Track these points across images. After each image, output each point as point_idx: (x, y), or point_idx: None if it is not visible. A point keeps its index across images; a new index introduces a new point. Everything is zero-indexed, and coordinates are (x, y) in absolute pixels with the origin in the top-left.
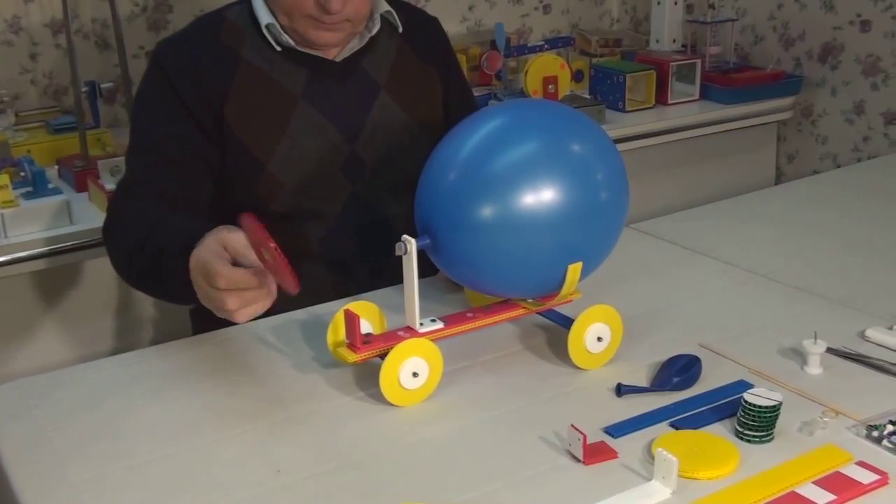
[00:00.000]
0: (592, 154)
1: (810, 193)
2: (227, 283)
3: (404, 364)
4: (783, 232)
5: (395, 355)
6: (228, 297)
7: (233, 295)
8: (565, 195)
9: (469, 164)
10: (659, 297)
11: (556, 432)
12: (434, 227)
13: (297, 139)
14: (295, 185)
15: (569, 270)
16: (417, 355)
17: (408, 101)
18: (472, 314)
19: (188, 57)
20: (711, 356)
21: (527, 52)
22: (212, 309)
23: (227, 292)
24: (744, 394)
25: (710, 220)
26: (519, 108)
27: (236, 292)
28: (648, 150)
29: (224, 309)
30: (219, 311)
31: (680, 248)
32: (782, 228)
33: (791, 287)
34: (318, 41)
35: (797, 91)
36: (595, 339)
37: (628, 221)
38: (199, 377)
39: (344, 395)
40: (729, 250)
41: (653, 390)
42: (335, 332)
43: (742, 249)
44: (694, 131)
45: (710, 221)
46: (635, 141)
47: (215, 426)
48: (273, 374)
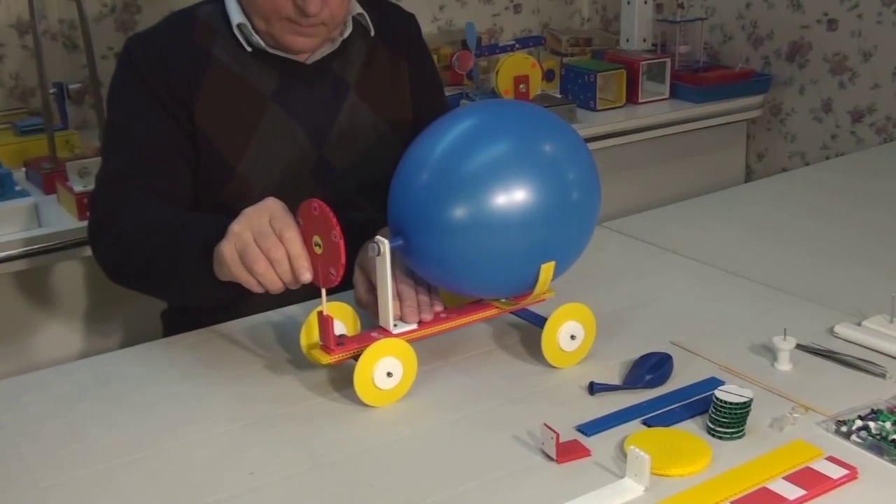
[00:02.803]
0: (564, 154)
1: (780, 191)
2: (293, 238)
3: (378, 364)
4: (753, 230)
5: (369, 356)
6: (264, 258)
7: (265, 261)
8: (537, 195)
9: (441, 164)
10: (631, 295)
11: (530, 431)
12: (407, 228)
13: (266, 142)
14: (264, 188)
15: (542, 270)
16: (391, 355)
17: (378, 100)
18: (446, 314)
19: (158, 53)
20: (683, 353)
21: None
22: (232, 268)
23: (274, 249)
24: (715, 391)
25: (681, 218)
26: (490, 108)
27: (270, 262)
28: (619, 148)
29: (253, 266)
30: (242, 270)
31: (651, 246)
32: (752, 226)
33: (761, 284)
34: (294, 46)
35: (766, 90)
36: (568, 337)
37: (600, 220)
38: (171, 380)
39: (318, 397)
40: (699, 248)
41: (625, 388)
42: (308, 333)
43: (712, 247)
44: (664, 130)
45: (680, 219)
46: (606, 140)
47: (187, 429)
48: (246, 376)
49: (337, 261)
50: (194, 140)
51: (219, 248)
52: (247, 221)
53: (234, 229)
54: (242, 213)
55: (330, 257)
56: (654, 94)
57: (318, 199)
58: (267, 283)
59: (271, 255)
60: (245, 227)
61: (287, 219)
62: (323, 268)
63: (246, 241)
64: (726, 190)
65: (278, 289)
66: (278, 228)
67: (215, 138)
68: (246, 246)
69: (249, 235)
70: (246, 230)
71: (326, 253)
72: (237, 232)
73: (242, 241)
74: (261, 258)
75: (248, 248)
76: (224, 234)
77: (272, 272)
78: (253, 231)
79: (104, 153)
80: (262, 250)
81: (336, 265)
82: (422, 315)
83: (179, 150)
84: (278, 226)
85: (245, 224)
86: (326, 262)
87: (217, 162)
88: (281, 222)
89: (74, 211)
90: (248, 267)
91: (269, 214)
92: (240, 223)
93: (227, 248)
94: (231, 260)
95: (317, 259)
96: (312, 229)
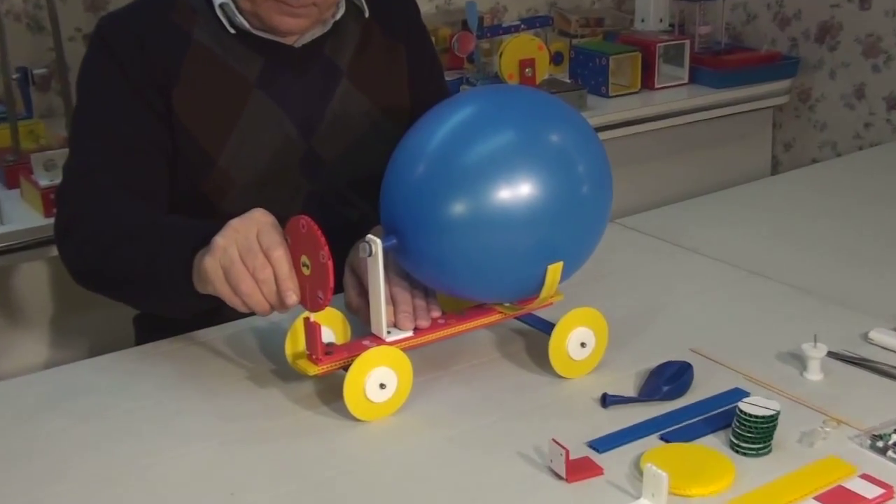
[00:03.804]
0: (573, 144)
1: (809, 184)
2: (281, 258)
3: (370, 375)
4: (780, 227)
5: (360, 365)
6: (250, 277)
7: (252, 280)
8: (544, 189)
9: (439, 156)
10: (647, 298)
11: (536, 447)
12: (401, 226)
13: (249, 132)
14: (247, 182)
15: (548, 271)
16: (385, 365)
17: (372, 87)
18: (444, 320)
19: (134, 34)
20: (704, 362)
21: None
22: (216, 285)
23: (261, 268)
24: (739, 403)
25: (702, 214)
26: (493, 94)
27: (256, 282)
28: (634, 138)
29: (239, 286)
30: (226, 288)
31: (669, 244)
32: (779, 222)
33: (789, 286)
34: (282, 27)
35: (793, 74)
36: (578, 345)
37: (612, 216)
38: (144, 393)
39: (304, 410)
40: (721, 247)
41: (641, 400)
42: (294, 341)
43: (736, 246)
44: (683, 118)
45: (701, 215)
46: (619, 129)
47: (161, 446)
48: (226, 388)
49: (325, 284)
50: (171, 130)
51: (202, 263)
52: (233, 235)
53: (218, 243)
54: (228, 225)
55: (318, 279)
56: (671, 78)
57: (306, 216)
58: (252, 304)
59: (258, 274)
60: (231, 242)
61: (275, 235)
62: (310, 290)
63: (231, 257)
64: (750, 183)
65: (264, 311)
66: (266, 245)
67: (194, 128)
68: (231, 263)
69: (235, 251)
70: (232, 245)
71: (314, 274)
72: (222, 246)
73: (228, 257)
74: (246, 277)
75: (233, 265)
76: (207, 244)
77: (258, 293)
78: (239, 247)
79: (73, 144)
80: (248, 269)
81: (324, 288)
82: (418, 321)
83: (156, 141)
84: (266, 242)
85: (231, 238)
86: (314, 284)
87: (196, 154)
88: (269, 239)
89: (40, 207)
90: (233, 286)
91: (257, 229)
92: (225, 236)
93: (211, 264)
94: (215, 276)
95: (304, 280)
96: (300, 248)
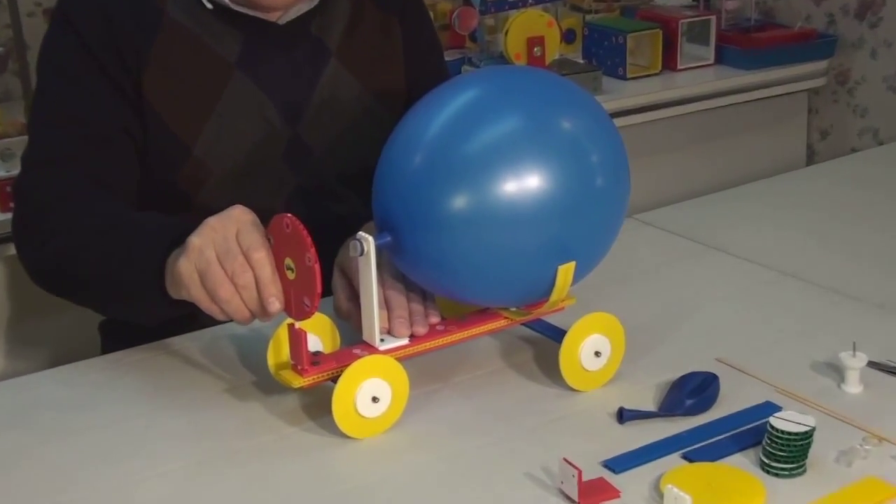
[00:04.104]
0: (586, 131)
1: (848, 176)
2: (262, 260)
3: (362, 387)
4: (816, 223)
5: (351, 377)
6: (229, 282)
7: (230, 285)
8: (554, 182)
9: (438, 145)
10: (668, 302)
11: (546, 467)
12: (396, 223)
13: (228, 118)
14: (226, 174)
15: (559, 272)
16: (377, 376)
17: (364, 68)
18: (444, 326)
19: (101, 10)
20: (731, 373)
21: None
22: (191, 290)
23: (241, 272)
24: (770, 418)
25: (729, 209)
26: (498, 76)
27: (235, 287)
28: (654, 125)
29: (216, 291)
30: (202, 293)
31: (692, 242)
32: (815, 218)
33: (825, 289)
34: (264, 2)
35: (831, 54)
36: (592, 354)
37: (630, 212)
38: (111, 406)
39: (288, 427)
40: (751, 245)
41: (661, 415)
42: (277, 350)
43: (766, 244)
44: (708, 102)
45: (728, 210)
46: (638, 115)
47: (132, 466)
48: (202, 402)
49: (312, 289)
50: (142, 115)
51: (175, 265)
52: (210, 235)
53: (194, 243)
54: (205, 224)
55: (304, 284)
56: (695, 59)
57: (290, 215)
58: (231, 311)
59: (237, 279)
60: (208, 243)
61: (257, 235)
62: (296, 297)
63: (208, 259)
64: (783, 175)
65: (244, 319)
66: (246, 246)
67: (167, 113)
68: (208, 265)
69: (212, 253)
70: (209, 246)
71: (300, 279)
72: (198, 247)
73: (204, 258)
74: (225, 282)
75: (210, 267)
76: (182, 243)
77: (238, 299)
78: (217, 248)
79: (32, 131)
80: (227, 272)
81: (311, 294)
82: (414, 328)
83: (124, 128)
84: (246, 243)
85: (208, 238)
86: (300, 289)
87: (169, 142)
88: (249, 239)
89: None
90: (210, 291)
91: (237, 228)
92: (201, 236)
93: (186, 266)
94: (190, 281)
95: (289, 286)
96: (284, 249)
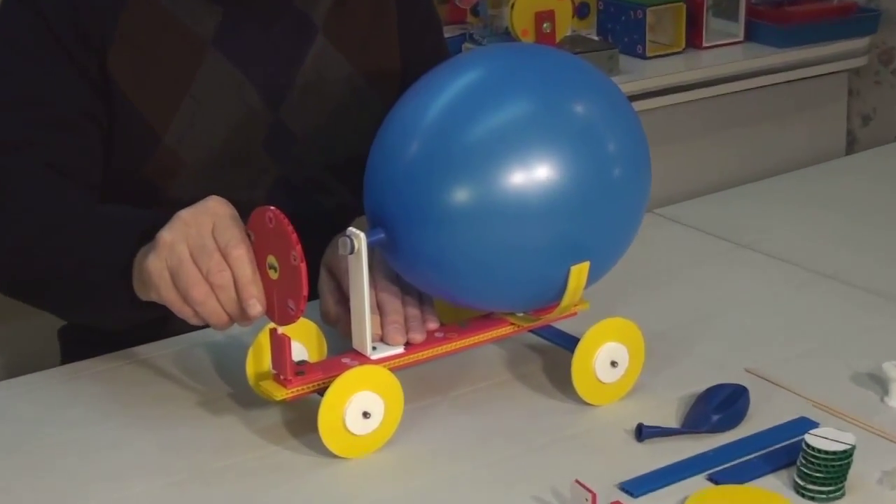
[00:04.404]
0: (601, 117)
1: (892, 166)
2: (241, 258)
3: (351, 401)
4: (857, 218)
5: (339, 389)
6: (204, 282)
7: (206, 286)
8: (566, 173)
9: (436, 131)
10: (692, 306)
11: (556, 490)
12: (390, 218)
13: (203, 101)
14: (200, 163)
15: (571, 273)
16: (369, 389)
17: (354, 46)
18: (443, 333)
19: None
20: (762, 385)
21: None
22: (161, 291)
23: (217, 271)
24: (805, 435)
25: (760, 203)
26: (503, 55)
27: (211, 288)
28: (676, 109)
29: (189, 292)
30: (174, 295)
31: (719, 240)
32: (855, 213)
33: (867, 291)
34: None
35: (873, 30)
36: (608, 364)
37: (650, 206)
38: (74, 422)
39: (271, 445)
40: (784, 243)
41: (684, 432)
42: (257, 359)
43: (802, 242)
44: (736, 84)
45: (759, 205)
46: (659, 97)
47: (97, 487)
48: (173, 417)
49: (297, 290)
50: (107, 99)
51: (144, 263)
52: (182, 230)
53: (164, 239)
54: (177, 217)
55: (288, 285)
56: (722, 35)
57: (274, 208)
58: (206, 314)
59: (213, 278)
60: (180, 238)
61: (235, 230)
62: (279, 299)
63: (180, 256)
64: (820, 165)
65: (222, 323)
66: (223, 243)
67: (135, 96)
68: (180, 263)
69: (185, 249)
70: (181, 242)
71: (284, 279)
72: (169, 243)
73: (176, 256)
74: (199, 282)
75: (182, 266)
76: (150, 239)
77: (214, 301)
78: (190, 244)
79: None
80: (202, 271)
81: (296, 296)
82: (410, 334)
83: (88, 113)
84: (224, 239)
85: (180, 233)
86: (283, 291)
87: (137, 128)
88: (227, 234)
89: None
90: (182, 292)
91: (213, 222)
92: (173, 231)
93: (156, 265)
94: (160, 280)
95: (271, 287)
96: (267, 247)
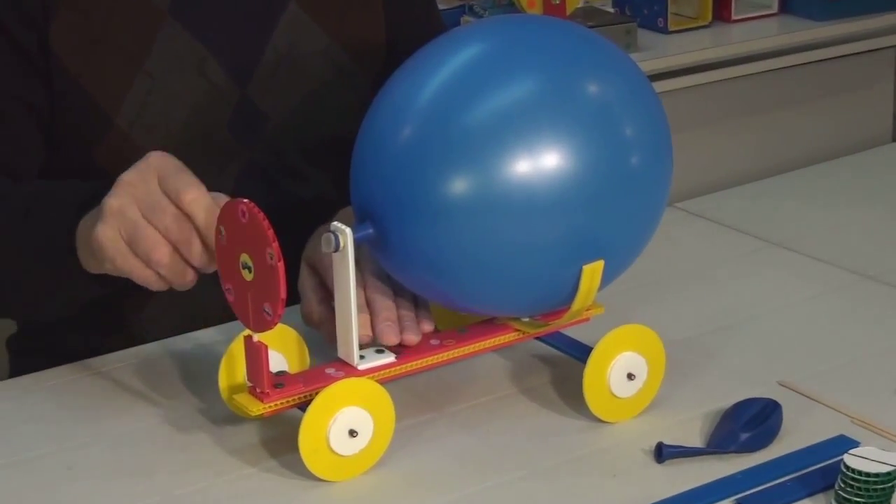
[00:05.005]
0: (618, 98)
1: None
2: (197, 200)
3: (336, 417)
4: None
5: (323, 404)
6: (164, 241)
7: (167, 245)
8: (578, 161)
9: (432, 114)
10: (718, 311)
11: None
12: (379, 211)
13: (160, 78)
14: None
15: (584, 273)
16: (356, 404)
17: (332, 14)
18: (439, 340)
19: None
20: (797, 400)
21: None
22: (118, 262)
23: (176, 226)
24: (844, 456)
25: (795, 196)
26: (506, 28)
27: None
28: (702, 90)
29: (150, 254)
30: (134, 262)
31: (748, 237)
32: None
33: None
34: None
35: None
36: (624, 376)
37: (671, 199)
38: (22, 441)
39: (246, 466)
40: (821, 241)
41: (709, 452)
42: (230, 370)
43: (843, 239)
44: (770, 62)
45: (793, 198)
46: (683, 77)
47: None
48: (136, 435)
49: (274, 293)
50: (49, 78)
51: (93, 234)
52: (128, 191)
53: (111, 206)
54: (119, 181)
55: (264, 287)
56: (754, 7)
57: (247, 200)
58: (172, 275)
59: (173, 235)
60: (128, 202)
61: (182, 175)
62: (254, 302)
63: (133, 220)
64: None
65: (189, 281)
66: (175, 191)
67: (82, 74)
68: (135, 228)
69: (136, 211)
70: (130, 205)
71: (259, 280)
72: (117, 209)
73: (129, 221)
74: (160, 243)
75: (138, 230)
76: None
77: (177, 259)
78: (140, 204)
79: None
80: (160, 230)
81: (273, 299)
82: (404, 335)
83: (25, 95)
84: (174, 187)
85: (127, 196)
86: (259, 294)
87: (86, 110)
88: (175, 182)
89: None
90: (144, 257)
91: (157, 176)
92: (118, 195)
93: (107, 233)
94: (115, 251)
95: (245, 288)
96: (240, 244)
